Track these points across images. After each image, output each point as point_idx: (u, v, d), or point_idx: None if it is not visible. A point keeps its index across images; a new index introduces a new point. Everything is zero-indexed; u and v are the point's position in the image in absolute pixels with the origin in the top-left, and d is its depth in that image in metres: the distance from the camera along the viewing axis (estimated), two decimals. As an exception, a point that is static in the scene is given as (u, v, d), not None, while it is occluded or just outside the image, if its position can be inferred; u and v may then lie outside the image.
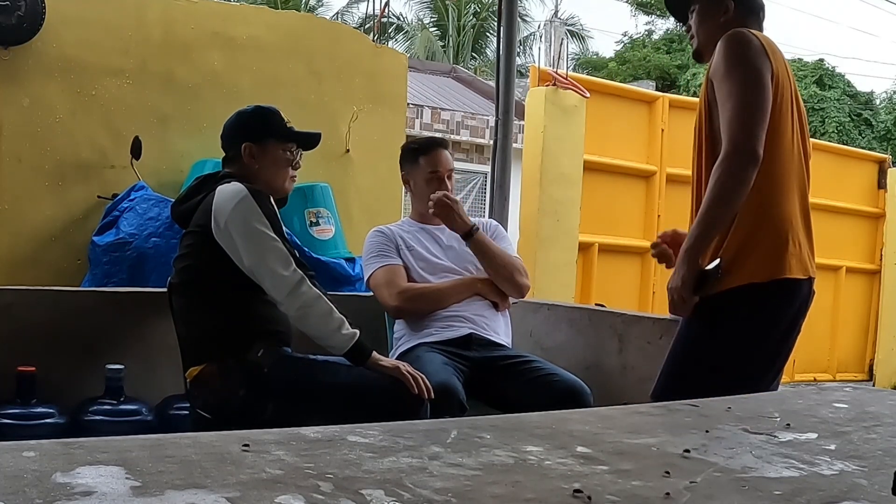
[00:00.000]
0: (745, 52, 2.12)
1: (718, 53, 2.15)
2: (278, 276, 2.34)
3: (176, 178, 4.09)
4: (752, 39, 2.14)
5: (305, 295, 2.34)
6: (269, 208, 2.42)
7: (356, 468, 0.94)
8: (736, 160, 2.05)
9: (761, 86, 2.09)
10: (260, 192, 2.44)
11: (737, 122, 2.07)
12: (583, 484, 0.92)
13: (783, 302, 2.17)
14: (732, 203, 2.08)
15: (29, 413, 2.59)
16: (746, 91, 2.09)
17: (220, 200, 2.40)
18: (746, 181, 2.05)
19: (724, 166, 2.07)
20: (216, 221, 2.39)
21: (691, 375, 2.18)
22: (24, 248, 3.93)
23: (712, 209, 2.08)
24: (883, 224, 7.80)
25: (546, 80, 5.59)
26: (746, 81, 2.09)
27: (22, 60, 3.88)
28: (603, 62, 24.06)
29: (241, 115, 2.63)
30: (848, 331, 7.80)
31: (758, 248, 2.13)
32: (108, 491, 0.80)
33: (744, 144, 2.05)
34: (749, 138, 2.05)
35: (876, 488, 0.98)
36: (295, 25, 4.74)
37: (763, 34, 2.23)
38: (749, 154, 2.05)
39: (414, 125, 11.17)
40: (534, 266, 5.29)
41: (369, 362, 2.39)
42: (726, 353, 2.13)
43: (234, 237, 2.37)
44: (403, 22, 23.20)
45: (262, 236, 2.36)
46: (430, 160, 3.01)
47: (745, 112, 2.07)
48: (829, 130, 17.45)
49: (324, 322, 2.36)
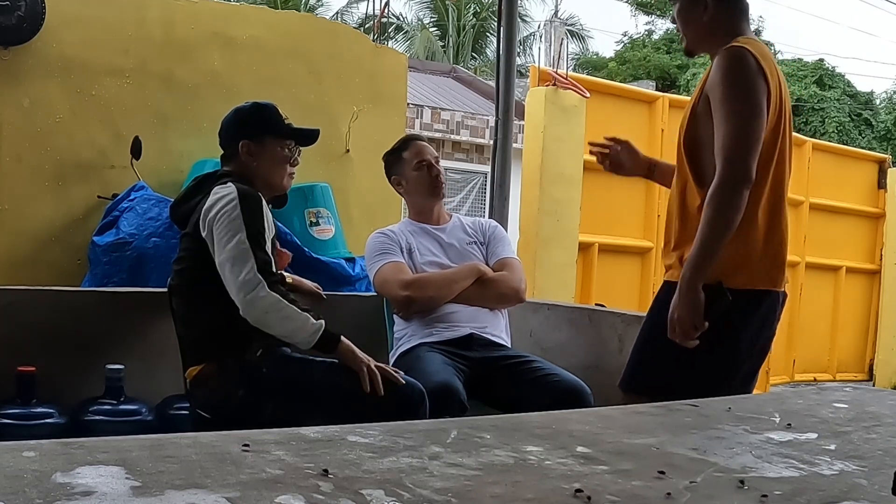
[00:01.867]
0: (744, 76, 2.13)
1: (716, 71, 2.16)
2: (234, 280, 2.31)
3: (176, 178, 4.09)
4: (749, 61, 2.13)
5: (263, 300, 2.29)
6: (255, 213, 2.38)
7: (356, 468, 0.94)
8: (732, 188, 2.09)
9: (757, 112, 2.11)
10: (251, 195, 2.41)
11: (732, 150, 2.09)
12: (583, 484, 0.92)
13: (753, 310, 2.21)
14: (729, 231, 2.11)
15: (29, 413, 2.58)
16: (743, 115, 2.11)
17: (211, 201, 2.40)
18: (742, 205, 2.10)
19: (721, 195, 2.10)
20: (203, 222, 2.39)
21: (659, 366, 2.22)
22: (24, 248, 3.93)
23: (711, 238, 2.10)
24: (883, 224, 7.80)
25: (546, 80, 5.58)
26: (744, 109, 2.11)
27: (22, 60, 3.88)
28: (603, 62, 24.06)
29: (239, 112, 2.63)
30: (848, 331, 7.80)
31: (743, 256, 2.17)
32: (108, 491, 0.80)
33: (740, 173, 2.09)
34: (745, 167, 2.09)
35: (876, 488, 0.98)
36: (295, 25, 4.74)
37: (757, 42, 2.23)
38: (745, 178, 2.09)
39: (414, 125, 11.17)
40: (534, 266, 5.29)
41: (340, 348, 2.37)
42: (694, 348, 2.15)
43: (212, 235, 2.37)
44: (403, 22, 23.20)
45: (231, 240, 2.32)
46: (413, 152, 3.04)
47: (741, 137, 2.10)
48: (829, 130, 17.45)
49: (284, 324, 2.33)
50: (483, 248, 3.08)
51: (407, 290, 2.87)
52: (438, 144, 11.81)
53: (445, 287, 2.90)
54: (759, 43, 2.25)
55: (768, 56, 2.20)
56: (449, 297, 2.89)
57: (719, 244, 2.11)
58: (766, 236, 2.21)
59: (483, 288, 2.93)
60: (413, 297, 2.87)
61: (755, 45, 2.20)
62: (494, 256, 3.05)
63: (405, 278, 2.89)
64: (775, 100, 2.16)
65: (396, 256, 2.94)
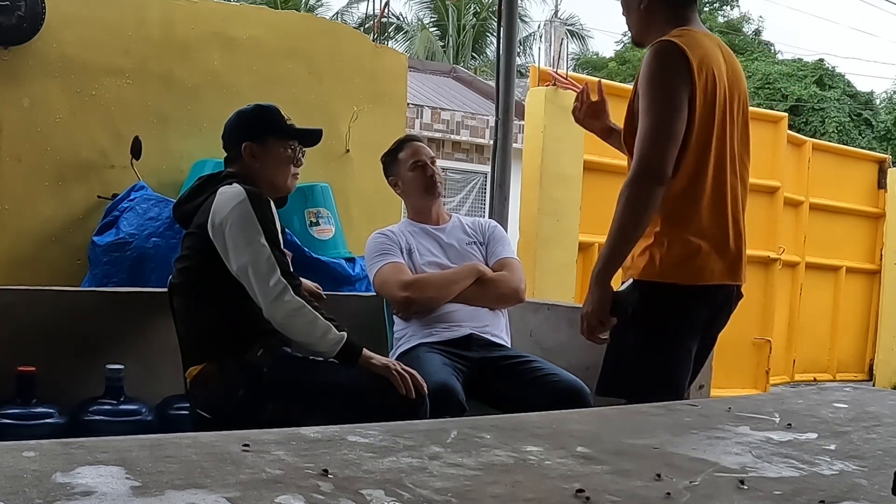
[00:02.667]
0: (666, 71, 2.10)
1: (644, 65, 2.14)
2: (262, 284, 2.33)
3: (176, 178, 4.09)
4: (674, 55, 2.10)
5: (288, 304, 2.32)
6: (266, 214, 2.40)
7: (356, 468, 0.94)
8: (645, 182, 2.08)
9: (675, 108, 2.08)
10: (260, 196, 2.43)
11: (647, 144, 2.08)
12: (583, 484, 0.92)
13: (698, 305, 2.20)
14: (641, 225, 2.10)
15: (29, 413, 2.58)
16: (660, 113, 2.09)
17: (219, 202, 2.40)
18: (654, 202, 2.08)
19: (632, 189, 2.09)
20: (212, 222, 2.39)
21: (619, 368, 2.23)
22: (24, 248, 3.93)
23: (621, 231, 2.10)
24: (883, 224, 7.79)
25: (546, 80, 5.58)
26: (661, 103, 2.09)
27: (22, 60, 3.88)
28: (603, 62, 24.07)
29: (241, 114, 2.63)
30: (848, 331, 7.80)
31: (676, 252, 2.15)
32: (108, 491, 0.80)
33: (653, 167, 2.07)
34: (659, 162, 2.07)
35: (876, 488, 0.98)
36: (295, 25, 4.74)
37: (692, 33, 2.17)
38: (658, 176, 2.07)
39: (414, 125, 11.16)
40: (534, 266, 5.29)
41: (360, 361, 2.37)
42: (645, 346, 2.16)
43: (225, 240, 2.37)
44: (403, 22, 23.20)
45: (251, 243, 2.34)
46: (408, 153, 3.06)
47: (656, 134, 2.08)
48: (829, 130, 17.45)
49: (308, 330, 2.34)
50: (483, 249, 3.08)
51: (406, 291, 2.87)
52: (438, 144, 11.81)
53: (445, 287, 2.90)
54: (699, 34, 2.19)
55: (702, 46, 2.14)
56: (448, 298, 2.89)
57: (628, 240, 2.11)
58: (710, 231, 2.17)
59: (483, 288, 2.93)
60: (412, 297, 2.87)
61: (690, 37, 2.14)
62: (494, 257, 3.06)
63: (405, 279, 2.89)
64: (706, 92, 2.11)
65: (396, 257, 2.94)
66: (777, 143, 6.64)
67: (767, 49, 22.67)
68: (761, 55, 20.93)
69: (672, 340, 2.18)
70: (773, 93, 18.20)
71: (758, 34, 23.96)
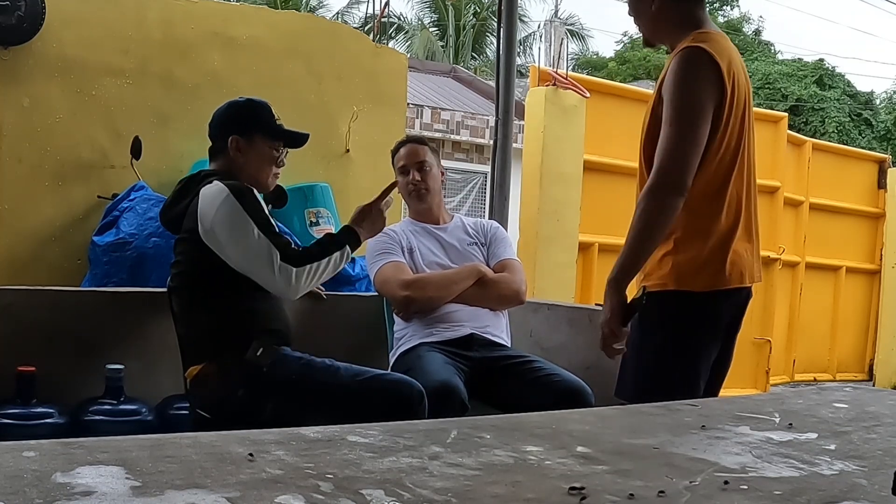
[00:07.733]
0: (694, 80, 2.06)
1: (670, 72, 2.10)
2: (268, 278, 2.39)
3: (176, 178, 4.01)
4: (704, 62, 2.06)
5: (299, 283, 2.41)
6: (252, 203, 2.42)
7: (356, 468, 0.94)
8: (664, 193, 2.04)
9: (702, 118, 2.05)
10: (241, 187, 2.44)
11: (670, 155, 2.04)
12: (583, 484, 0.92)
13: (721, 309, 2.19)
14: (658, 235, 2.07)
15: (29, 413, 2.58)
16: (686, 123, 2.05)
17: (203, 204, 2.41)
18: (673, 213, 2.05)
19: (651, 198, 2.05)
20: (202, 225, 2.40)
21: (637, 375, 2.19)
22: (24, 248, 3.93)
23: (638, 240, 2.07)
24: (883, 224, 7.79)
25: (546, 80, 5.58)
26: (688, 113, 2.05)
27: (22, 60, 3.87)
28: (603, 62, 24.08)
29: (232, 106, 2.64)
30: (848, 331, 7.80)
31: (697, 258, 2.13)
32: (108, 491, 0.80)
33: (674, 178, 2.04)
34: (680, 173, 2.03)
35: (876, 488, 0.98)
36: (295, 25, 4.73)
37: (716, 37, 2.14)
38: (678, 188, 2.04)
39: (414, 125, 11.17)
40: (534, 266, 5.29)
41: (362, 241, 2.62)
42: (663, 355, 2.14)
43: (220, 239, 2.38)
44: (403, 22, 23.20)
45: (246, 236, 2.37)
46: (399, 156, 3.10)
47: (680, 145, 2.04)
48: (829, 130, 17.46)
49: (324, 275, 2.47)
50: (484, 249, 3.08)
51: (407, 290, 2.87)
52: (438, 144, 11.81)
53: (445, 287, 2.90)
54: (719, 36, 2.17)
55: (727, 51, 2.13)
56: (449, 298, 2.89)
57: (645, 249, 2.07)
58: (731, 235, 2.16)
59: (483, 289, 2.93)
60: (413, 297, 2.87)
61: (714, 41, 2.12)
62: (495, 257, 3.06)
63: (405, 278, 2.89)
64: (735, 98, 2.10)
65: (397, 256, 2.95)
66: (777, 143, 6.64)
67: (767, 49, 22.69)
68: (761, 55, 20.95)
69: (697, 346, 2.16)
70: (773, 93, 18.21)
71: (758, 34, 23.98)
